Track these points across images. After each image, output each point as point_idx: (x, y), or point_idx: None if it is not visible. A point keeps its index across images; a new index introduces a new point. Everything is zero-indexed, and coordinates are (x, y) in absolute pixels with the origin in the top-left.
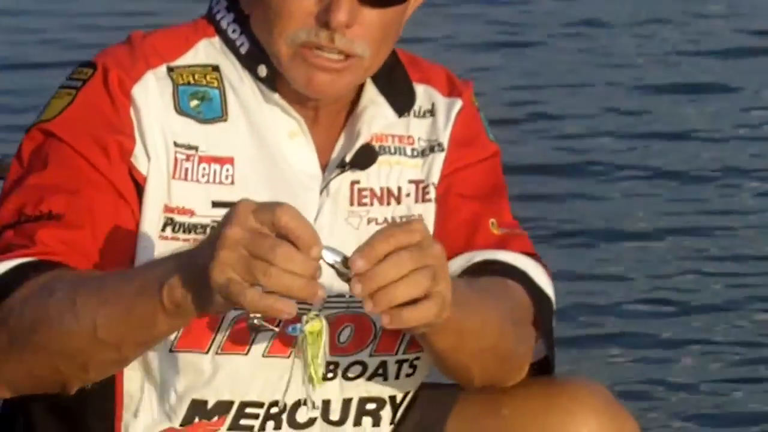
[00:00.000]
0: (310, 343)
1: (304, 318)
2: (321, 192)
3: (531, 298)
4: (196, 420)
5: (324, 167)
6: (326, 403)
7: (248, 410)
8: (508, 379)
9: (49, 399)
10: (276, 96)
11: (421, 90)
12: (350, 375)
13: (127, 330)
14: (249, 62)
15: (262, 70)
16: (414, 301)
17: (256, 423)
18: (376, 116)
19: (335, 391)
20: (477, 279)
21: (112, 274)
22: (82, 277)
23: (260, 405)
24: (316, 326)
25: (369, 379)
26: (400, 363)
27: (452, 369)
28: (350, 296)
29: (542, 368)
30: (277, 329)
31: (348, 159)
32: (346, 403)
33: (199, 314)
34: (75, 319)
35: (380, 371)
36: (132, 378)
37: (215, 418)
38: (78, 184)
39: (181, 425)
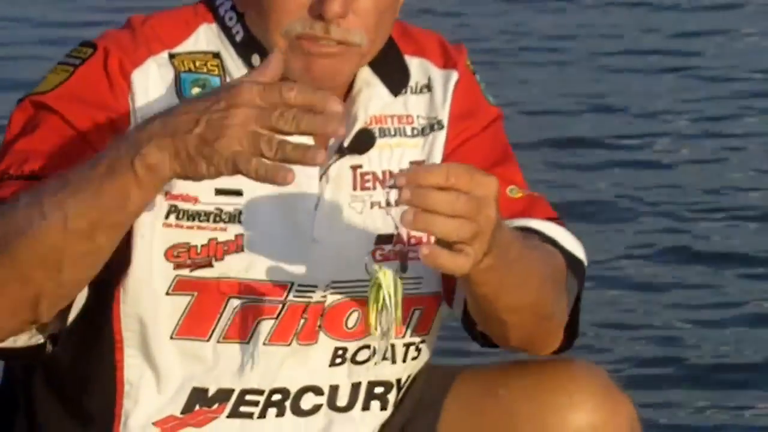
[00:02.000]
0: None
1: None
2: (320, 178)
3: (567, 264)
4: (197, 407)
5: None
6: (334, 389)
7: (248, 397)
8: (543, 343)
9: (50, 388)
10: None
11: (416, 64)
12: (359, 359)
13: (99, 213)
14: (244, 51)
15: (256, 60)
16: (447, 245)
17: (256, 410)
18: (372, 98)
19: (344, 375)
20: (529, 236)
21: (74, 167)
22: (42, 182)
23: (260, 392)
24: (388, 277)
25: (377, 363)
26: (407, 346)
27: (490, 321)
28: (356, 281)
29: (567, 334)
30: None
31: (346, 144)
32: (355, 387)
33: (172, 177)
34: (42, 216)
35: (388, 354)
36: (132, 366)
37: (215, 406)
38: (66, 153)
39: (181, 413)
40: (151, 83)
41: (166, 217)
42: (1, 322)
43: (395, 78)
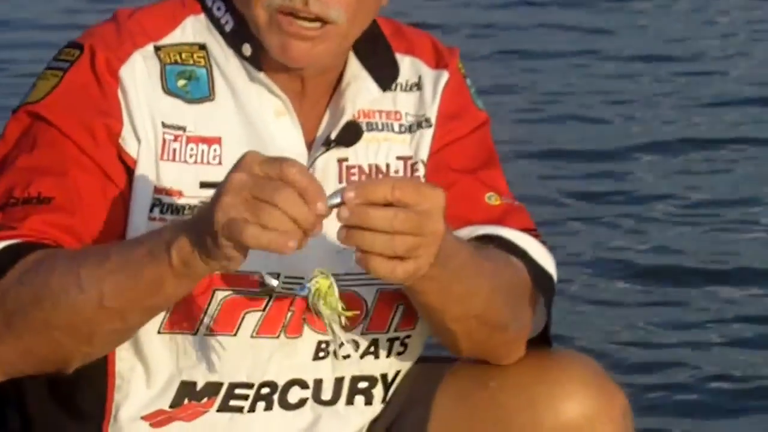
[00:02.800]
0: (323, 298)
1: (311, 277)
2: (308, 169)
3: (532, 277)
4: (186, 401)
5: (310, 145)
6: (318, 383)
7: (237, 391)
8: (500, 354)
9: (41, 382)
10: (261, 75)
11: (407, 62)
12: (342, 353)
13: (134, 296)
14: (233, 41)
15: (247, 49)
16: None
17: (246, 404)
18: (360, 91)
19: (327, 370)
20: (483, 247)
21: (114, 244)
22: (82, 251)
23: (250, 386)
24: (324, 283)
25: (361, 357)
26: (391, 341)
27: (438, 331)
28: (342, 274)
29: (540, 344)
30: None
31: (333, 136)
32: (338, 381)
33: (207, 270)
34: (80, 290)
35: (372, 349)
36: (123, 359)
37: (204, 400)
38: (66, 167)
39: (170, 407)
40: (138, 77)
41: (151, 210)
42: (27, 370)
43: (384, 73)
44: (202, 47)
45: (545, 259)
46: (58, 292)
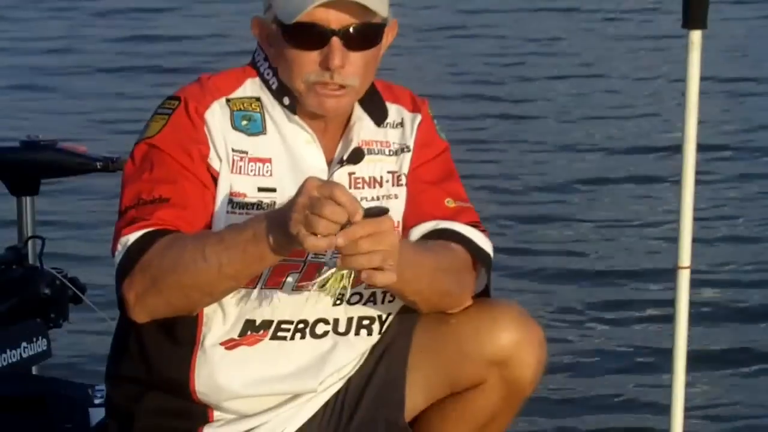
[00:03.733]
0: (336, 277)
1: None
2: (328, 179)
3: (471, 254)
4: (249, 333)
5: (329, 164)
6: (336, 321)
7: (283, 326)
8: (449, 307)
9: (154, 320)
10: (296, 117)
11: (394, 108)
12: (352, 301)
13: (244, 266)
14: (278, 95)
15: (286, 101)
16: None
17: (288, 334)
18: (362, 128)
19: (342, 312)
20: (424, 242)
21: (226, 229)
22: (203, 233)
23: (291, 323)
24: (341, 275)
25: (364, 303)
26: (384, 293)
27: (403, 300)
28: None
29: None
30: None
31: (345, 158)
32: (350, 320)
33: (293, 248)
34: (205, 261)
35: (372, 298)
36: (208, 305)
37: (261, 332)
38: (176, 178)
39: (238, 336)
40: (216, 119)
41: (228, 206)
42: (165, 313)
43: (377, 115)
44: (258, 99)
45: (484, 243)
46: (188, 262)
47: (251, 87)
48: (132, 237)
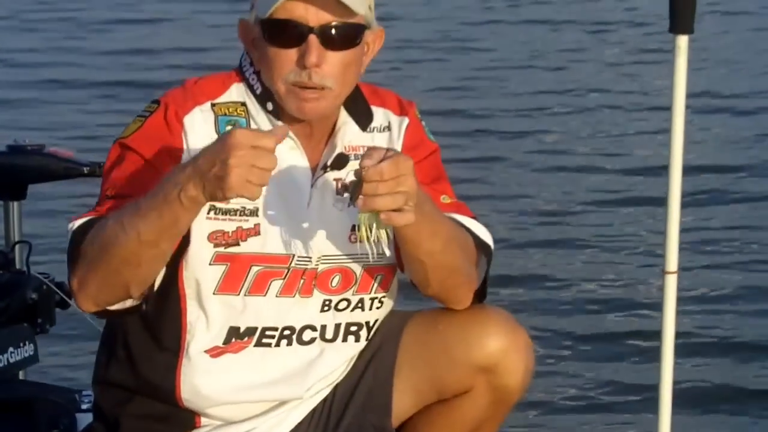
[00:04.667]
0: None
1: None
2: (312, 185)
3: (476, 245)
4: (233, 340)
5: (314, 169)
6: (323, 327)
7: (267, 333)
8: (456, 294)
9: (140, 326)
10: (279, 123)
11: (380, 112)
12: (340, 308)
13: (161, 229)
14: (261, 100)
15: (270, 106)
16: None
17: (273, 341)
18: (347, 133)
19: (330, 318)
20: (449, 215)
21: (141, 197)
22: (122, 208)
23: (276, 329)
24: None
25: (352, 310)
26: (372, 299)
27: (413, 262)
28: (338, 255)
29: (478, 296)
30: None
31: (329, 163)
32: (337, 326)
33: (207, 201)
34: (124, 233)
35: (359, 305)
36: (191, 312)
37: (246, 339)
38: (141, 177)
39: (223, 344)
40: (196, 124)
41: (208, 212)
42: (107, 298)
43: (363, 119)
44: (243, 104)
45: (486, 235)
46: (111, 237)
47: (237, 92)
48: (76, 224)
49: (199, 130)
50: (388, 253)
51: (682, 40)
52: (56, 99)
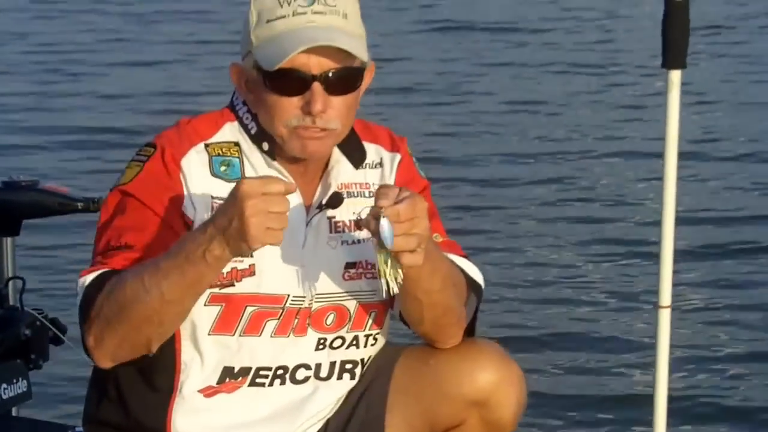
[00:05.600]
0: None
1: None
2: (306, 225)
3: (468, 285)
4: (227, 380)
5: (308, 208)
6: (318, 366)
7: (261, 372)
8: (447, 332)
9: (131, 368)
10: (275, 163)
11: (372, 148)
12: (335, 345)
13: (185, 287)
14: (256, 140)
15: (265, 146)
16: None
17: (267, 381)
18: (341, 171)
19: (324, 357)
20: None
21: (160, 256)
22: (141, 265)
23: (269, 369)
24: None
25: (347, 348)
26: (367, 336)
27: (410, 300)
28: (332, 293)
29: (467, 333)
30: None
31: (324, 202)
32: (332, 364)
33: (232, 258)
34: (146, 292)
35: (354, 342)
36: (186, 352)
37: (240, 378)
38: (145, 225)
39: (216, 383)
40: (193, 165)
41: None
42: (126, 355)
43: (356, 156)
44: (236, 144)
45: (477, 274)
46: (132, 297)
47: (230, 131)
48: (87, 279)
49: (195, 171)
50: (396, 290)
51: (675, 75)
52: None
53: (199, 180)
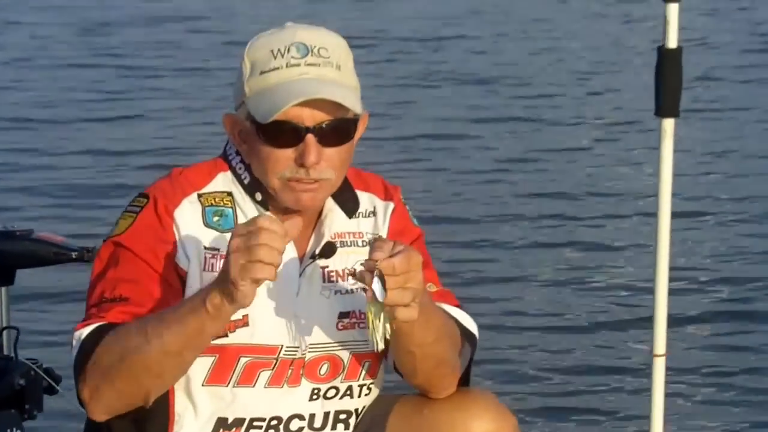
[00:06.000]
0: (373, 312)
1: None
2: (300, 275)
3: (461, 335)
4: (221, 431)
5: (301, 258)
6: (312, 416)
7: (255, 423)
8: (440, 385)
9: (125, 418)
10: (268, 213)
11: (365, 197)
12: (328, 396)
13: (185, 339)
14: (250, 190)
15: (258, 196)
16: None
17: (261, 431)
18: (334, 221)
19: (318, 407)
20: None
21: (166, 309)
22: (144, 318)
23: (263, 420)
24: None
25: (341, 398)
26: (361, 386)
27: (403, 353)
28: (326, 343)
29: (462, 381)
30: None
31: (317, 252)
32: (326, 414)
33: (232, 309)
34: (148, 344)
35: (348, 392)
36: (179, 402)
37: (233, 430)
38: (139, 277)
39: None
40: (186, 216)
41: None
42: (122, 407)
43: (349, 206)
44: (229, 194)
45: (471, 324)
46: (133, 348)
47: (223, 181)
48: (84, 332)
49: (188, 222)
50: (382, 347)
51: (668, 124)
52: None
53: (192, 230)
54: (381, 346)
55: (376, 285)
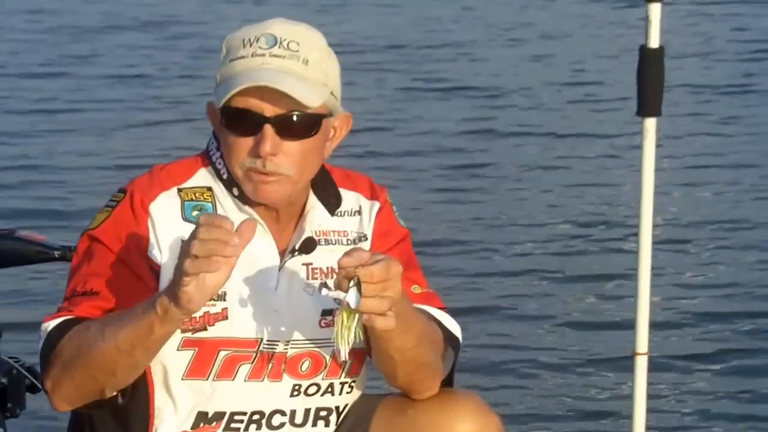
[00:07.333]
0: (345, 319)
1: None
2: (280, 269)
3: (445, 338)
4: (201, 425)
5: (282, 254)
6: (293, 412)
7: (236, 417)
8: (422, 387)
9: (108, 414)
10: (247, 208)
11: (351, 196)
12: (309, 392)
13: (136, 339)
14: (228, 185)
15: (236, 191)
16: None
17: (242, 426)
18: (315, 217)
19: (299, 403)
20: (420, 307)
21: (126, 310)
22: (106, 317)
23: (244, 414)
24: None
25: (322, 395)
26: (342, 384)
27: (383, 358)
28: (307, 339)
29: (445, 383)
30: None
31: (297, 247)
32: (307, 411)
33: (179, 314)
34: (104, 341)
35: (329, 389)
36: (159, 397)
37: (214, 424)
38: (110, 272)
39: (191, 429)
40: (162, 210)
41: None
42: (82, 399)
43: (331, 203)
44: (209, 189)
45: (454, 327)
46: (90, 343)
47: (204, 176)
48: (51, 325)
49: (165, 216)
50: (344, 357)
51: (650, 123)
52: None
53: (170, 224)
54: (344, 356)
55: (352, 292)
